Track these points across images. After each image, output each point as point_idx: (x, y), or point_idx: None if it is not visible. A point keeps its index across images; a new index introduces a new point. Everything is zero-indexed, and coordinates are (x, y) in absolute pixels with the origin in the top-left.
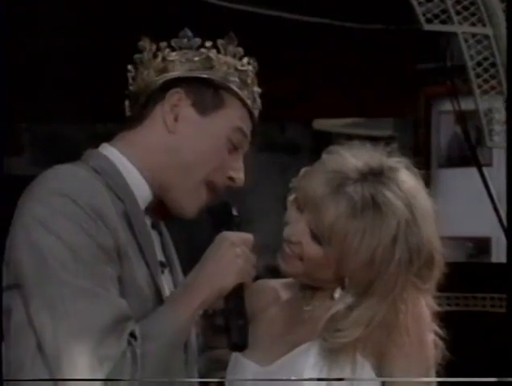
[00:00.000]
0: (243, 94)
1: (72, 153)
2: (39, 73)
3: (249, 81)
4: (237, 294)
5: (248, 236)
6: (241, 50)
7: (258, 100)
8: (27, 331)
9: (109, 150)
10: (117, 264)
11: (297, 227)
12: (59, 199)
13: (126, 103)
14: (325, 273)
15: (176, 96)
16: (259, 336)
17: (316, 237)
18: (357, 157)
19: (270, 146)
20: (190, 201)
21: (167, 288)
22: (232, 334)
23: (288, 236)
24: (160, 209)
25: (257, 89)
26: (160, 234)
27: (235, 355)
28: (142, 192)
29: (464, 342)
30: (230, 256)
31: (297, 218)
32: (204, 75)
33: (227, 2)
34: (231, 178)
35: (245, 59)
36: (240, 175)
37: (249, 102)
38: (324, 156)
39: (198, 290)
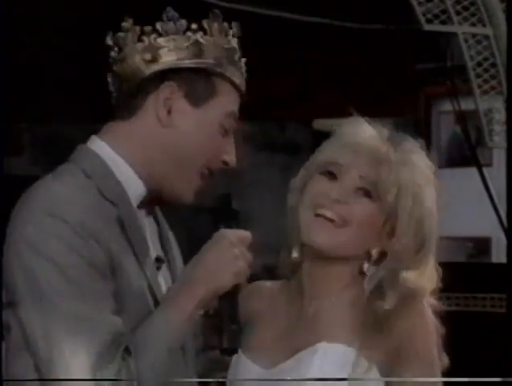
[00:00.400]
0: (233, 75)
1: (71, 154)
2: (39, 73)
3: (236, 58)
4: (231, 296)
5: (246, 234)
6: (226, 25)
7: (244, 72)
8: (25, 354)
9: (98, 145)
10: (111, 279)
11: (343, 188)
12: (49, 219)
13: (110, 80)
14: (363, 239)
15: (169, 89)
16: (260, 338)
17: (368, 193)
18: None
19: (270, 146)
20: (187, 189)
21: (164, 286)
22: (224, 339)
23: (336, 197)
24: (155, 199)
25: (243, 60)
26: (157, 222)
27: (237, 356)
28: (136, 188)
29: (464, 343)
30: (229, 256)
31: (333, 184)
32: (195, 65)
33: (227, 2)
34: (224, 162)
35: (230, 32)
36: (233, 157)
37: (238, 82)
38: (341, 128)
39: (193, 291)
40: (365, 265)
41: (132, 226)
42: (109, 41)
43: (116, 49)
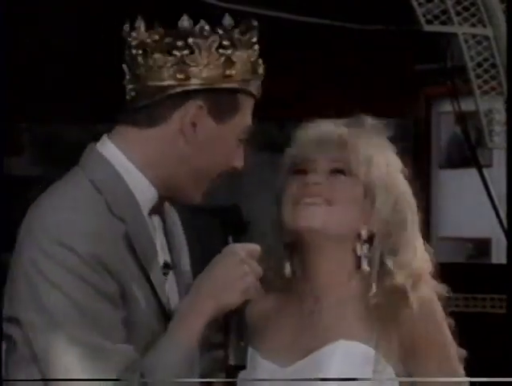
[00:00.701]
0: (255, 89)
1: (72, 154)
2: (39, 73)
3: (259, 70)
4: (239, 313)
5: (255, 247)
6: (252, 36)
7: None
8: (31, 365)
9: (110, 150)
10: (122, 305)
11: (319, 173)
12: (59, 249)
13: (127, 76)
14: (350, 217)
15: (196, 107)
16: (270, 338)
17: (342, 172)
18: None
19: (270, 146)
20: (198, 193)
21: (169, 299)
22: (230, 356)
23: (314, 180)
24: (165, 200)
25: (260, 64)
26: (162, 219)
27: (250, 355)
28: (147, 195)
29: (464, 343)
30: (238, 274)
31: (308, 175)
32: (226, 86)
33: (226, 3)
34: (234, 167)
35: (254, 40)
36: (241, 162)
37: (257, 93)
38: (298, 132)
39: (201, 309)
40: (358, 247)
41: (141, 241)
42: (133, 40)
43: (140, 52)
